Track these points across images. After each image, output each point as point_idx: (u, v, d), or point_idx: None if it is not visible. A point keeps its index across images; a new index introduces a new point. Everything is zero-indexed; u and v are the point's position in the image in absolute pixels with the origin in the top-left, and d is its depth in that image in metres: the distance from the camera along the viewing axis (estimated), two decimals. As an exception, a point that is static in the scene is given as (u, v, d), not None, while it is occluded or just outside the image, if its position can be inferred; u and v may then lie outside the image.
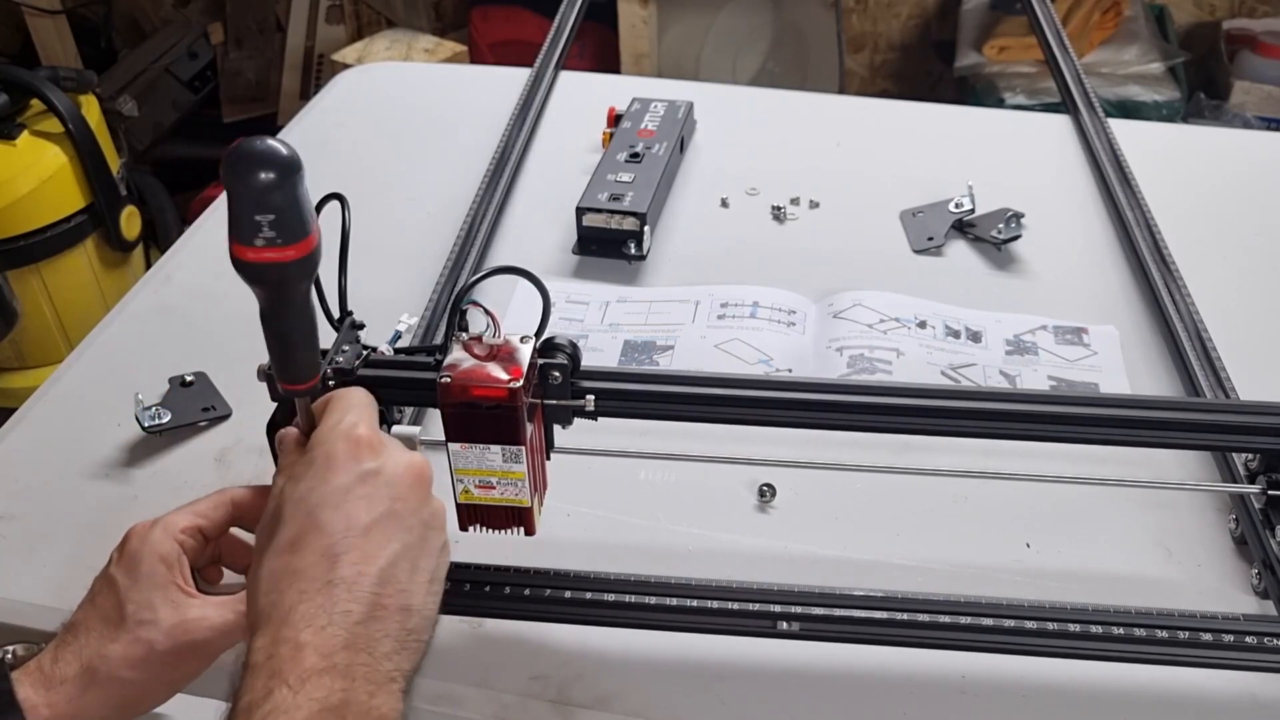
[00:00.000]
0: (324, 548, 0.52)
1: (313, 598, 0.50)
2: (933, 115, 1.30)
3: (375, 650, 0.50)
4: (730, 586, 0.66)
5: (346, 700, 0.48)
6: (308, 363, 0.57)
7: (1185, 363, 0.87)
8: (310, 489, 0.54)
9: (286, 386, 0.58)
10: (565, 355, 0.64)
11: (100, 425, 0.84)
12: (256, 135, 0.51)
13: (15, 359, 1.85)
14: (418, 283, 0.96)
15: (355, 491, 0.54)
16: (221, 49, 2.67)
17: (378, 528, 0.53)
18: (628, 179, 1.04)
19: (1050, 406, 0.67)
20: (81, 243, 1.83)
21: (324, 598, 0.50)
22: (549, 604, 0.66)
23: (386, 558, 0.53)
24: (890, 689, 0.66)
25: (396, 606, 0.52)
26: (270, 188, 0.50)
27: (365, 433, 0.56)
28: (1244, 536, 0.73)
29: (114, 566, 0.59)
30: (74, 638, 0.57)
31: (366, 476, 0.54)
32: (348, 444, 0.55)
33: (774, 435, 0.69)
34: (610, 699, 0.65)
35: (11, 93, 1.76)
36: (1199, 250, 1.01)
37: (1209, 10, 2.59)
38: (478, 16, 2.68)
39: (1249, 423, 0.66)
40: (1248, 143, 1.38)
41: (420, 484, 0.56)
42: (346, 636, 0.50)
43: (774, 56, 2.60)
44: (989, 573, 0.73)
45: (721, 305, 0.96)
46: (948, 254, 1.04)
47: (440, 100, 1.32)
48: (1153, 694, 0.65)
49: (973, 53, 2.43)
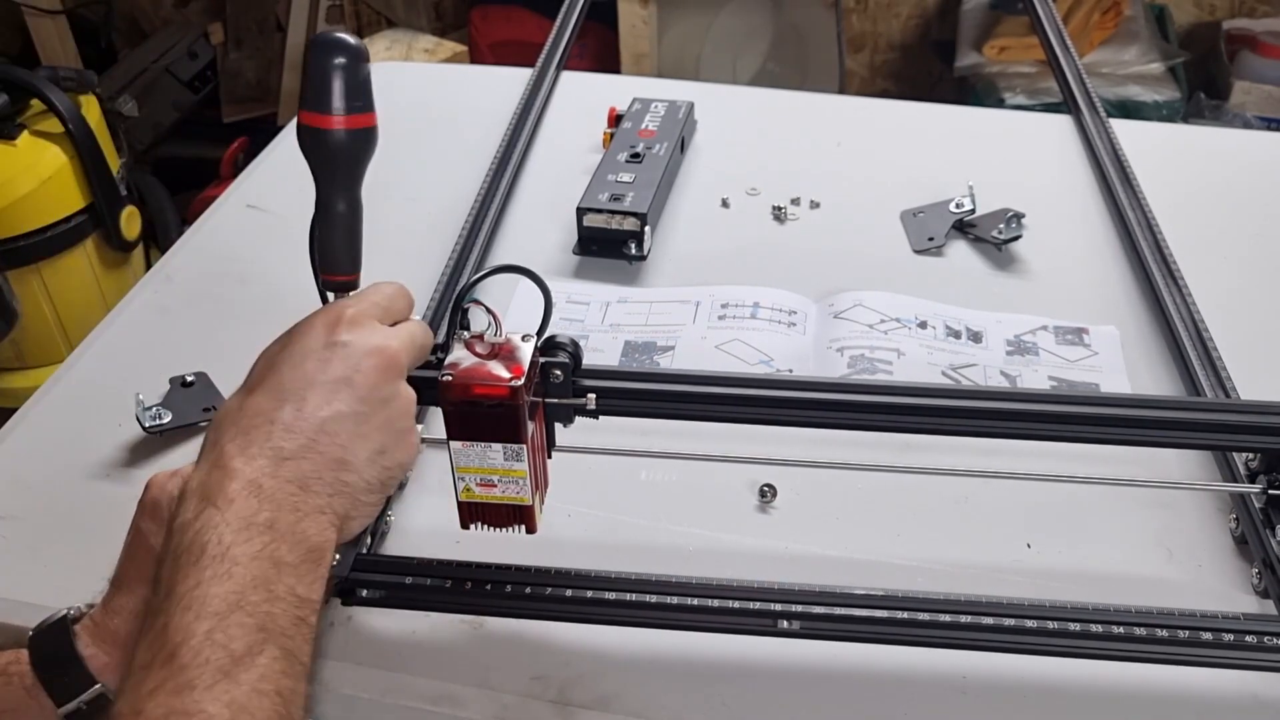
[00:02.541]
0: (273, 394, 0.55)
1: (249, 433, 0.54)
2: (933, 115, 1.30)
3: (306, 486, 0.53)
4: (731, 585, 0.66)
5: (272, 521, 0.51)
6: (351, 254, 0.63)
7: (1186, 362, 0.87)
8: (281, 347, 0.58)
9: (327, 277, 0.63)
10: (566, 354, 0.64)
11: (100, 425, 0.84)
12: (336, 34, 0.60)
13: (15, 359, 1.85)
14: (419, 282, 0.96)
15: (318, 354, 0.57)
16: (221, 49, 2.67)
17: (329, 387, 0.56)
18: (628, 179, 1.04)
19: (1051, 406, 0.67)
20: (81, 243, 1.83)
21: (259, 433, 0.54)
22: (550, 602, 0.66)
23: (330, 412, 0.55)
24: (890, 688, 0.66)
25: (332, 456, 0.55)
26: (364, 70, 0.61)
27: (353, 313, 0.59)
28: (1244, 536, 0.73)
29: (139, 518, 0.60)
30: (118, 590, 0.60)
31: (333, 345, 0.57)
32: (327, 317, 0.58)
33: (775, 435, 0.69)
34: (611, 699, 0.65)
35: (11, 93, 1.76)
36: (1199, 250, 1.01)
37: (1209, 10, 2.59)
38: (478, 16, 2.68)
39: (1250, 422, 0.66)
40: (1248, 143, 1.38)
41: (385, 365, 0.58)
42: (273, 468, 0.53)
43: (774, 56, 2.60)
44: (989, 572, 0.73)
45: (722, 306, 0.96)
46: (948, 254, 1.04)
47: (440, 100, 1.32)
48: (1153, 693, 0.65)
49: (973, 53, 2.43)
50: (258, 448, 0.53)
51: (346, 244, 0.63)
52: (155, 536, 0.59)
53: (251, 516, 0.51)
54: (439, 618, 0.69)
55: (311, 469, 0.54)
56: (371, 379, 0.57)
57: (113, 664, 0.58)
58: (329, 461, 0.54)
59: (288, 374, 0.56)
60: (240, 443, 0.53)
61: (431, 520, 0.75)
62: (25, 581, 0.72)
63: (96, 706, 0.57)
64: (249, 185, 1.15)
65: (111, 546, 0.61)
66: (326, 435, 0.55)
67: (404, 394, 0.59)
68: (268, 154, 1.21)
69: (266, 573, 0.50)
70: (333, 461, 0.55)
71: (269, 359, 0.58)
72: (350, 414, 0.56)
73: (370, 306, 0.60)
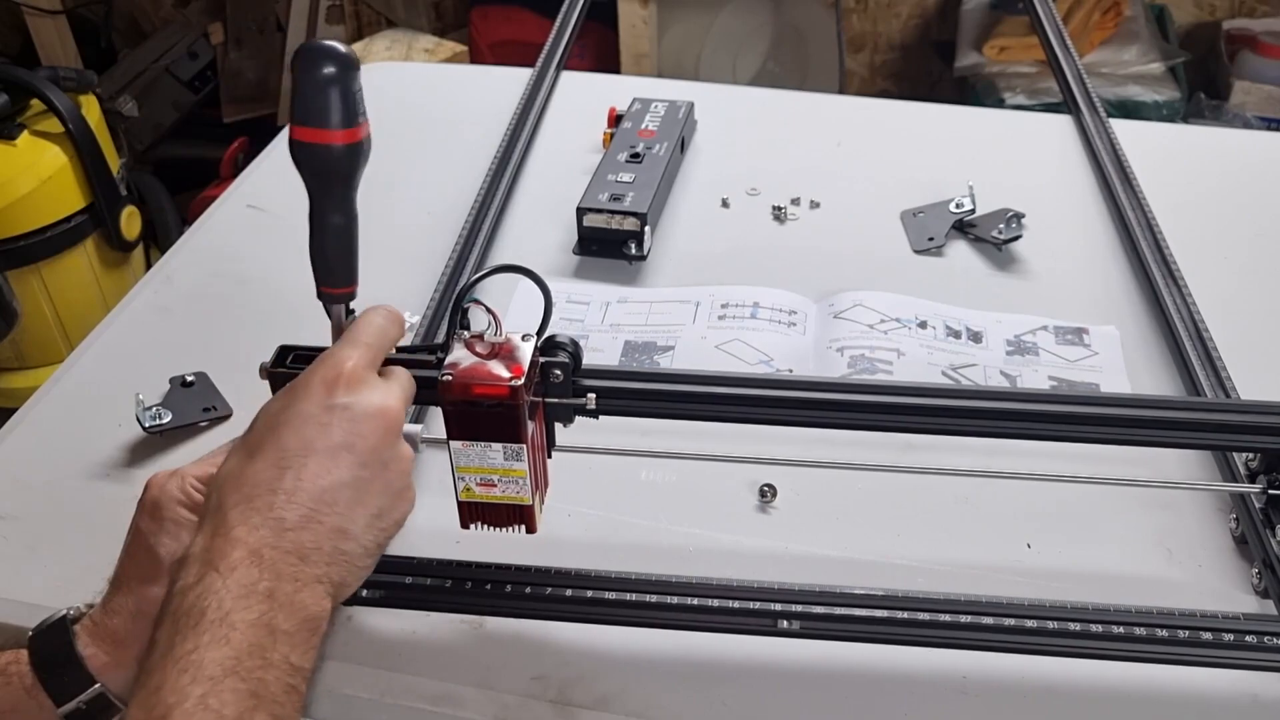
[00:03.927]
0: (275, 460, 0.55)
1: (252, 500, 0.54)
2: (933, 115, 1.30)
3: (305, 557, 0.53)
4: (731, 585, 0.66)
5: (272, 590, 0.51)
6: (347, 266, 0.62)
7: (1186, 362, 0.87)
8: (281, 408, 0.57)
9: (324, 289, 0.62)
10: (566, 353, 0.64)
11: (100, 425, 0.84)
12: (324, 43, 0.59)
13: (15, 359, 1.85)
14: (419, 282, 0.96)
15: (318, 419, 0.56)
16: (221, 49, 2.67)
17: (330, 454, 0.55)
18: (628, 179, 1.04)
19: (1051, 406, 0.67)
20: (81, 243, 1.83)
21: (262, 501, 0.54)
22: (550, 602, 0.66)
23: (331, 481, 0.55)
24: (890, 688, 0.66)
25: (331, 525, 0.55)
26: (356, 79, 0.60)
27: (351, 367, 0.58)
28: (1244, 536, 0.74)
29: (139, 517, 0.61)
30: (117, 590, 0.60)
31: (334, 409, 0.56)
32: (325, 375, 0.58)
33: (775, 435, 0.69)
34: (611, 699, 0.65)
35: (11, 93, 1.76)
36: (1199, 250, 1.01)
37: (1209, 10, 2.59)
38: (478, 16, 2.68)
39: (1249, 422, 0.66)
40: (1248, 143, 1.38)
41: (385, 427, 0.57)
42: (275, 538, 0.53)
43: (774, 56, 2.60)
44: (990, 572, 0.73)
45: (722, 306, 0.96)
46: (948, 254, 1.04)
47: (440, 100, 1.32)
48: (1153, 693, 0.65)
49: (973, 53, 2.43)
50: (260, 517, 0.53)
51: (344, 257, 0.62)
52: (155, 536, 0.59)
53: (252, 585, 0.51)
54: (439, 618, 0.69)
55: (311, 539, 0.54)
56: (371, 442, 0.57)
57: (112, 663, 0.58)
58: (329, 531, 0.55)
59: (289, 438, 0.56)
60: (243, 510, 0.54)
61: (431, 520, 0.75)
62: (25, 581, 0.72)
63: (96, 706, 0.57)
64: (249, 185, 1.15)
65: (111, 546, 0.61)
66: (326, 505, 0.55)
67: (403, 454, 0.59)
68: (268, 154, 1.21)
69: (263, 640, 0.50)
70: (332, 531, 0.55)
71: (270, 419, 0.57)
72: (350, 481, 0.56)
73: (365, 353, 0.59)
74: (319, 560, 0.54)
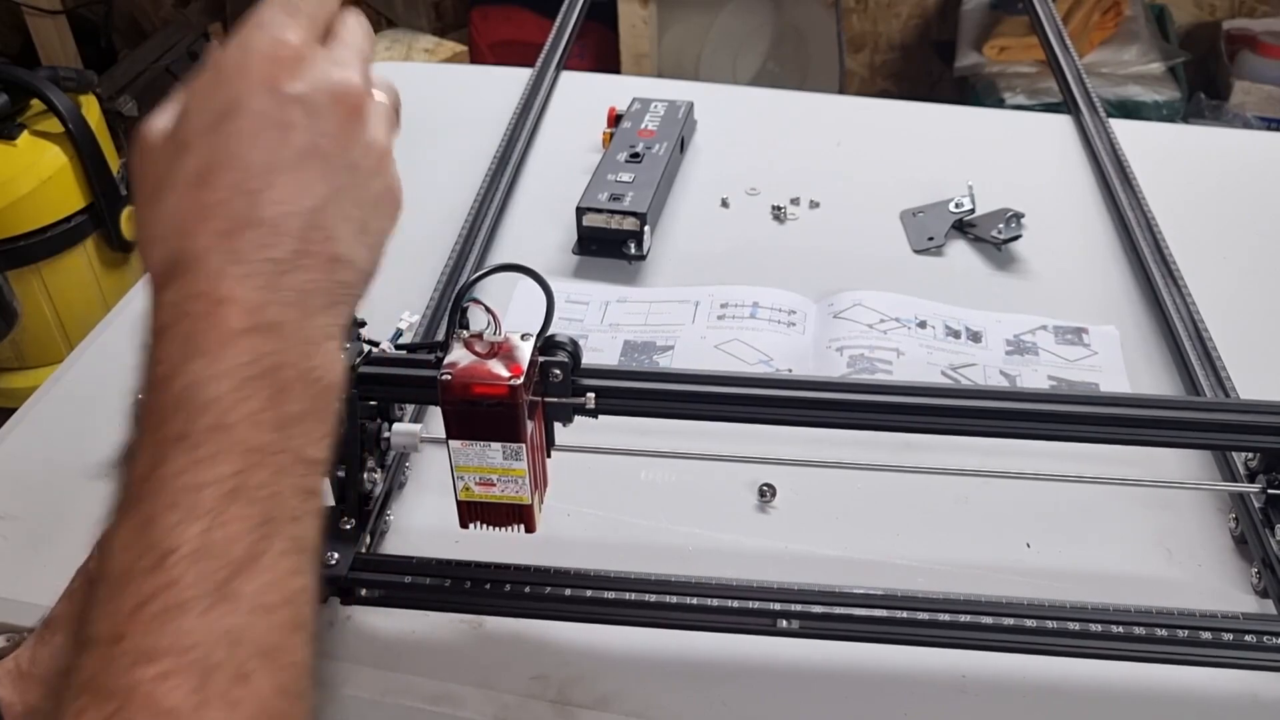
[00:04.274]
0: (239, 183, 0.43)
1: (229, 240, 0.41)
2: (933, 115, 1.30)
3: (306, 305, 0.42)
4: (730, 584, 0.66)
5: (279, 364, 0.40)
6: None
7: (1185, 362, 0.87)
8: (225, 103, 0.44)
9: None
10: (566, 353, 0.64)
11: (100, 425, 0.84)
12: None
13: (15, 359, 1.85)
14: (419, 281, 0.96)
15: (275, 117, 0.44)
16: (222, 49, 2.67)
17: (298, 165, 0.44)
18: (628, 179, 1.04)
19: (1051, 405, 0.67)
20: (81, 243, 1.83)
21: (243, 240, 0.41)
22: (549, 602, 0.66)
23: (313, 199, 0.44)
24: (890, 688, 0.66)
25: (325, 255, 0.44)
26: None
27: (292, 43, 0.45)
28: (1244, 536, 0.73)
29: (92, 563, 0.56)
30: (51, 634, 0.54)
31: (288, 101, 0.44)
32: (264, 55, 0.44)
33: (774, 434, 0.69)
34: (611, 699, 0.65)
35: (11, 93, 1.76)
36: (1199, 250, 1.01)
37: (1209, 10, 2.59)
38: (478, 16, 2.68)
39: (1249, 422, 0.66)
40: (1248, 143, 1.38)
41: (352, 117, 0.46)
42: (272, 288, 0.41)
43: (774, 56, 2.60)
44: (989, 572, 0.73)
45: (721, 306, 0.96)
46: (948, 254, 1.04)
47: (440, 100, 1.32)
48: (1152, 692, 0.65)
49: (973, 53, 2.43)
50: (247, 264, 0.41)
51: None
52: None
53: (254, 361, 0.40)
54: (438, 617, 0.69)
55: (309, 280, 0.43)
56: (341, 140, 0.45)
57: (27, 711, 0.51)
58: (323, 262, 0.44)
59: (247, 150, 0.43)
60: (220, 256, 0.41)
61: (431, 519, 0.75)
62: (25, 581, 0.72)
63: None
64: (249, 185, 1.15)
65: (111, 546, 0.61)
66: (315, 230, 0.43)
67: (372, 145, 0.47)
68: (267, 154, 1.21)
69: (271, 440, 0.40)
70: (327, 261, 0.44)
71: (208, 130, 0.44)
72: (331, 194, 0.44)
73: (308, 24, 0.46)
74: (321, 304, 0.43)
